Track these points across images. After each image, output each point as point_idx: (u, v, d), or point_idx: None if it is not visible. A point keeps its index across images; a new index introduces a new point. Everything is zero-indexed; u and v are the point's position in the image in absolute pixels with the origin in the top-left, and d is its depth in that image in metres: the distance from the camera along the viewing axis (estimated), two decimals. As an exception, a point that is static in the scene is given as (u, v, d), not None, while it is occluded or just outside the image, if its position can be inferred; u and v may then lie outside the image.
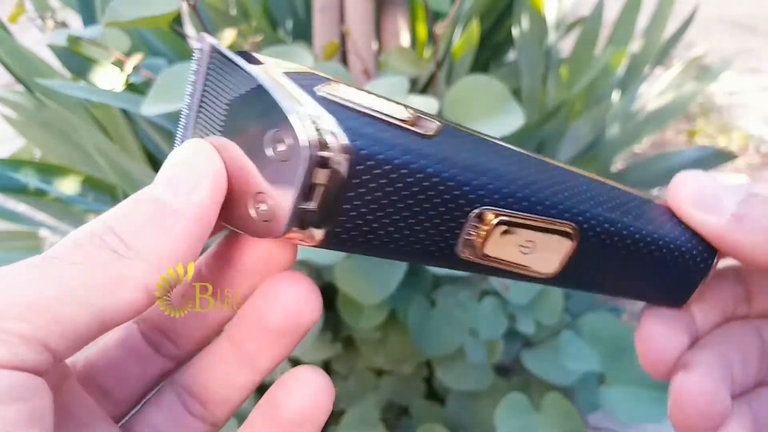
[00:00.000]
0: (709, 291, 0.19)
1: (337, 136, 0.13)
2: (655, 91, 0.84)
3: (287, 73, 0.15)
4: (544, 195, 0.16)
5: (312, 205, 0.13)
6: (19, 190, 0.60)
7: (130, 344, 0.17)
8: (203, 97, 0.15)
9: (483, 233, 0.15)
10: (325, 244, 0.14)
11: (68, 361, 0.16)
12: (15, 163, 0.60)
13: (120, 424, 0.17)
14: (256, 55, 0.15)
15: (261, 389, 0.17)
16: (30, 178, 0.60)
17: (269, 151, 0.13)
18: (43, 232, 0.66)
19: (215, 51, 0.15)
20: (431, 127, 0.15)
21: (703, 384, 0.17)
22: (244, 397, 0.17)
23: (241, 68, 0.14)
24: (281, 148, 0.13)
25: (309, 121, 0.13)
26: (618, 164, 0.96)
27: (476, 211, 0.15)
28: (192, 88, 0.15)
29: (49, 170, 0.62)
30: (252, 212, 0.14)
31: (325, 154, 0.13)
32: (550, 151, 0.79)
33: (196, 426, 0.17)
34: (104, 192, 0.66)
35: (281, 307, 0.16)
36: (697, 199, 0.17)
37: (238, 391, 0.17)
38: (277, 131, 0.13)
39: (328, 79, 0.15)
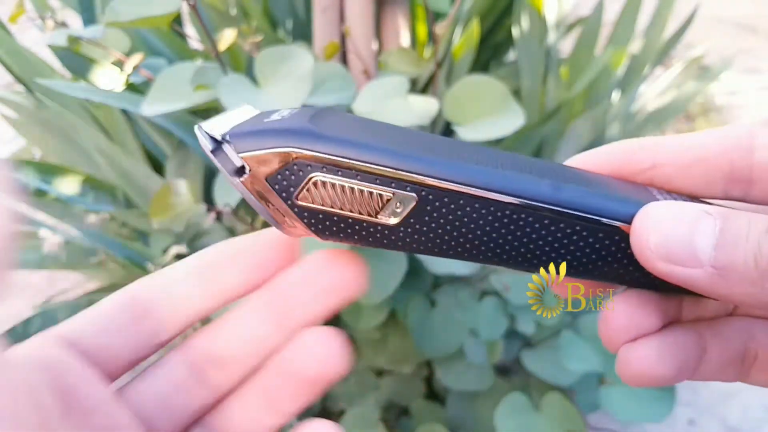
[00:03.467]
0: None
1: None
2: (655, 91, 0.84)
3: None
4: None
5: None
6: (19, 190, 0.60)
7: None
8: None
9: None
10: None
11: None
12: (15, 163, 0.60)
13: None
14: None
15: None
16: (30, 178, 0.60)
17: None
18: (43, 232, 0.66)
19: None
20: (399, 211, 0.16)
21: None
22: None
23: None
24: None
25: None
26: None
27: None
28: None
29: (49, 170, 0.62)
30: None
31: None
32: (550, 151, 0.79)
33: None
34: (104, 192, 0.66)
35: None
36: (667, 253, 0.15)
37: None
38: None
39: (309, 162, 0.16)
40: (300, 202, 0.17)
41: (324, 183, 0.16)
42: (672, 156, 0.18)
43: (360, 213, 0.16)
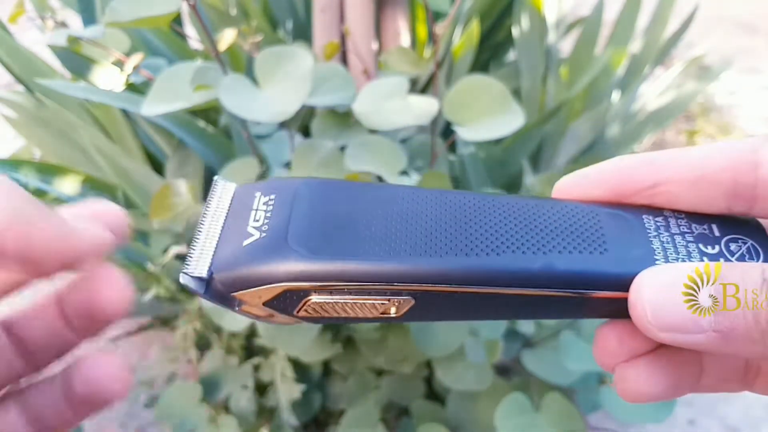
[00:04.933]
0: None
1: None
2: (655, 91, 0.84)
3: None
4: None
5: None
6: (19, 190, 0.60)
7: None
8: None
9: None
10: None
11: None
12: (15, 163, 0.60)
13: None
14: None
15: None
16: (30, 178, 0.60)
17: None
18: (43, 232, 0.66)
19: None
20: (402, 305, 0.17)
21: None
22: None
23: None
24: None
25: None
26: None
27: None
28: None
29: (49, 170, 0.62)
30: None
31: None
32: (550, 151, 0.79)
33: None
34: (104, 192, 0.66)
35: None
36: (666, 323, 0.15)
37: None
38: None
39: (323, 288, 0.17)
40: (300, 315, 0.17)
41: (320, 302, 0.17)
42: (674, 174, 0.17)
43: (359, 316, 0.17)
